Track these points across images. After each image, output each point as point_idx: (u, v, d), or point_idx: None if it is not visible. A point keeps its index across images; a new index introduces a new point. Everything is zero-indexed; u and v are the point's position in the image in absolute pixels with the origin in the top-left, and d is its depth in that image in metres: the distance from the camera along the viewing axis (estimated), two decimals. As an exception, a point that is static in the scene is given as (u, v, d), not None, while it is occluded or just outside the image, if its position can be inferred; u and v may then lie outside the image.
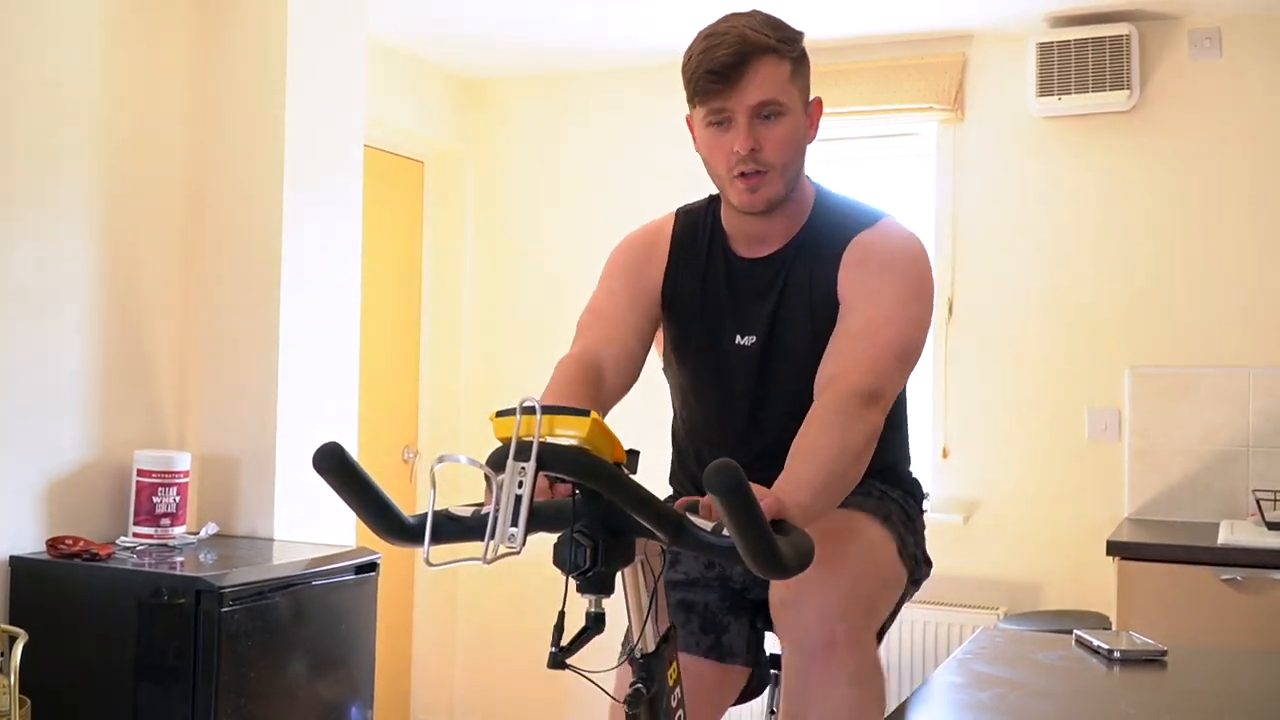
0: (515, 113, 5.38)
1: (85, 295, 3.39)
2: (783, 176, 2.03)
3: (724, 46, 1.97)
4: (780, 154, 2.01)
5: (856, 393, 1.86)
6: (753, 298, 2.13)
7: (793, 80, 2.01)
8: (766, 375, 2.11)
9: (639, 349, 2.15)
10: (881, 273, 2.02)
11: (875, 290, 2.00)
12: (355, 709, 3.35)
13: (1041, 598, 4.50)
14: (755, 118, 1.99)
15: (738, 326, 2.13)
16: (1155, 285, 4.41)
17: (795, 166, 2.05)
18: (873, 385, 1.88)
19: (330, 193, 3.83)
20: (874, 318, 1.97)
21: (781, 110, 1.99)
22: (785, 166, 2.02)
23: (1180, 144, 4.41)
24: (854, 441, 1.81)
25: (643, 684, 1.66)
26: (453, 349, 5.40)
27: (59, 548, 3.16)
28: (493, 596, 5.25)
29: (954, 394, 4.65)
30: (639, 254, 2.24)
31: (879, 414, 1.89)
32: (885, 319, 1.96)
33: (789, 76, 2.00)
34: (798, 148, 2.04)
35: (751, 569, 1.45)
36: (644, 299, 2.18)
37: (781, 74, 1.99)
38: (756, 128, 1.99)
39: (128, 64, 3.51)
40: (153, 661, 2.97)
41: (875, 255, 2.04)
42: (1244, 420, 4.26)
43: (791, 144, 2.02)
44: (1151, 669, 1.79)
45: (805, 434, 1.82)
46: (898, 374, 1.96)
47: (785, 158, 2.02)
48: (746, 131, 1.98)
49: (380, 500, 1.58)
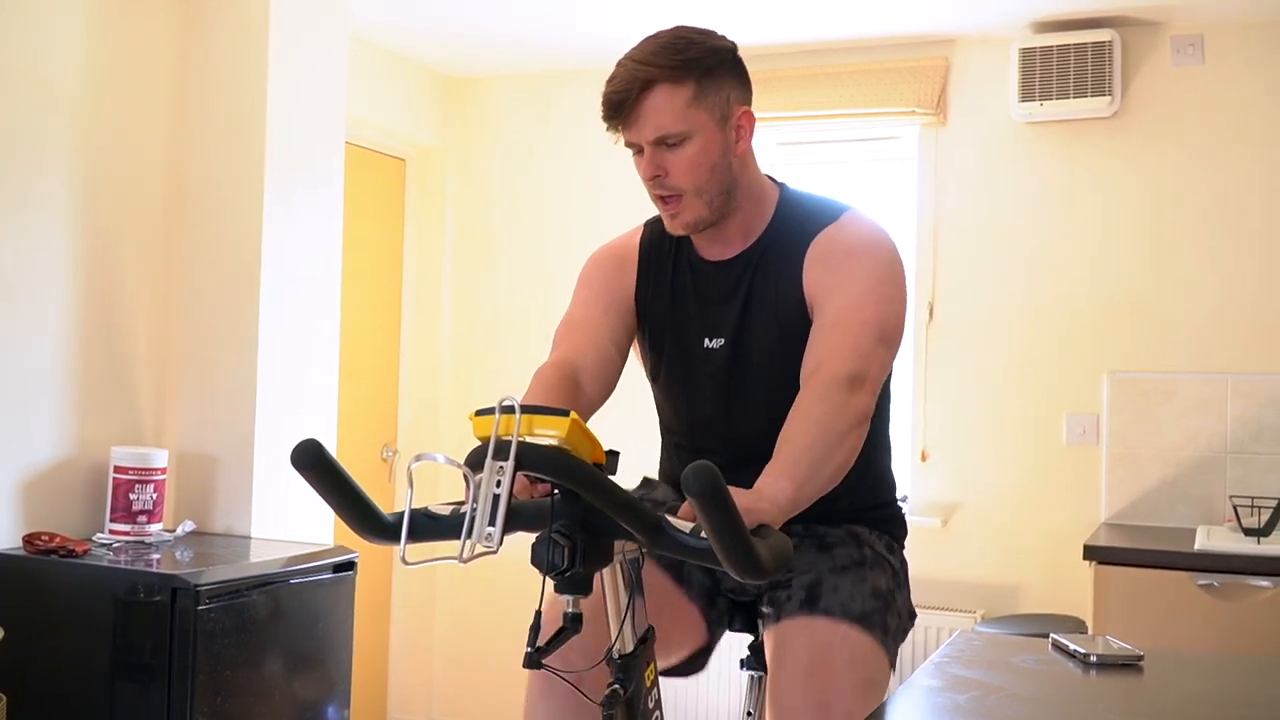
0: (498, 111, 5.37)
1: (63, 291, 3.37)
2: (700, 198, 2.03)
3: (614, 81, 2.00)
4: (688, 178, 2.01)
5: (838, 378, 1.87)
6: (719, 301, 2.14)
7: (695, 103, 1.99)
8: (736, 377, 2.12)
9: (616, 357, 2.16)
10: (845, 263, 2.03)
11: (842, 280, 2.01)
12: (332, 708, 3.34)
13: (1019, 601, 4.51)
14: (659, 147, 2.00)
15: (705, 330, 2.14)
16: (1135, 291, 4.43)
17: (713, 185, 2.04)
18: (854, 369, 1.89)
19: (311, 189, 3.81)
20: (845, 306, 1.98)
21: (682, 137, 1.99)
22: (699, 189, 2.02)
23: (1162, 150, 4.42)
24: (838, 426, 1.83)
25: (620, 684, 1.66)
26: (432, 347, 5.39)
27: (35, 544, 3.15)
28: (471, 596, 5.25)
29: (933, 397, 4.66)
30: (609, 266, 2.26)
31: (866, 397, 1.90)
32: (857, 304, 1.97)
33: (688, 101, 1.98)
34: (712, 168, 2.02)
35: (729, 572, 1.45)
36: (618, 307, 2.20)
37: (677, 100, 1.98)
38: (661, 155, 2.00)
39: (108, 58, 3.50)
40: (129, 659, 2.95)
41: (838, 248, 2.05)
42: (1222, 426, 4.28)
43: (701, 167, 2.01)
44: (1128, 674, 1.79)
45: (789, 424, 1.83)
46: (880, 355, 1.96)
47: (696, 181, 2.02)
48: (649, 159, 2.01)
49: (358, 498, 1.58)
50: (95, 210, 3.46)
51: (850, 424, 1.85)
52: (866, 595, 2.06)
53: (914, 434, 4.66)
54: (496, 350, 5.29)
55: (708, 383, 2.14)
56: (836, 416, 1.83)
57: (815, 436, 1.80)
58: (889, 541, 2.22)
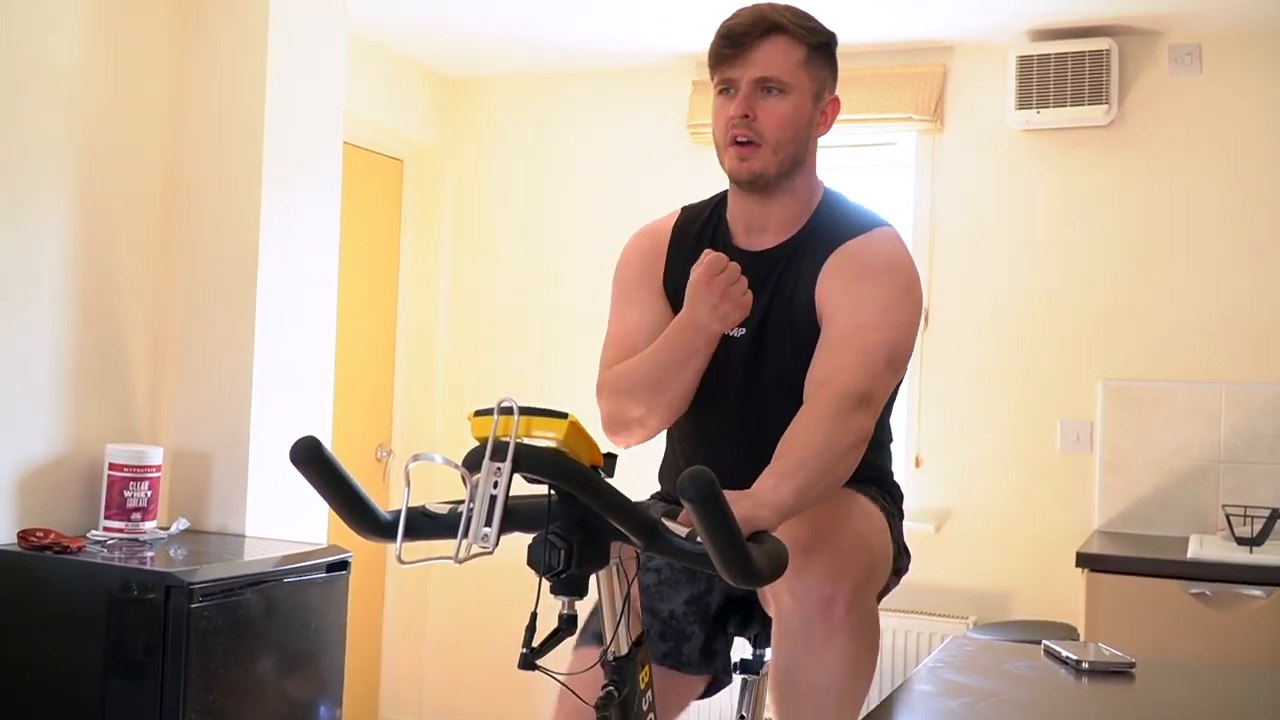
0: (495, 111, 5.38)
1: (59, 287, 3.37)
2: (775, 154, 2.07)
3: (741, 17, 2.07)
4: (774, 129, 2.06)
5: (848, 395, 1.88)
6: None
7: (804, 66, 2.07)
8: (754, 368, 2.11)
9: None
10: (861, 279, 2.03)
11: (858, 295, 2.01)
12: (324, 707, 3.34)
13: (1011, 607, 4.52)
14: (757, 90, 2.05)
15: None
16: (1130, 299, 4.44)
17: (790, 148, 2.08)
18: (864, 388, 1.90)
19: (308, 189, 3.82)
20: (860, 323, 1.98)
21: (784, 88, 2.05)
22: (778, 144, 2.07)
23: (1158, 159, 4.43)
24: (842, 442, 1.83)
25: (614, 686, 1.66)
26: (428, 347, 5.39)
27: (29, 540, 3.14)
28: (464, 596, 5.25)
29: (928, 403, 4.66)
30: (637, 266, 2.26)
31: (869, 418, 1.90)
32: (872, 323, 1.98)
33: (800, 61, 2.06)
34: (796, 131, 2.08)
35: (724, 577, 1.45)
36: (651, 304, 2.21)
37: (793, 55, 2.06)
38: (757, 99, 2.05)
39: (107, 56, 3.50)
40: (122, 656, 2.95)
41: (854, 262, 2.06)
42: (1215, 435, 4.29)
43: (789, 124, 2.07)
44: (1119, 680, 1.80)
45: (794, 431, 1.84)
46: (888, 377, 1.98)
47: (779, 135, 2.06)
48: (745, 98, 2.05)
49: (355, 495, 1.58)
50: (92, 207, 3.46)
51: (853, 442, 1.86)
52: (864, 488, 2.09)
53: (908, 440, 4.66)
54: (492, 350, 5.29)
55: (728, 370, 2.12)
56: (843, 432, 1.84)
57: (821, 448, 1.80)
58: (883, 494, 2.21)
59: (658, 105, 5.03)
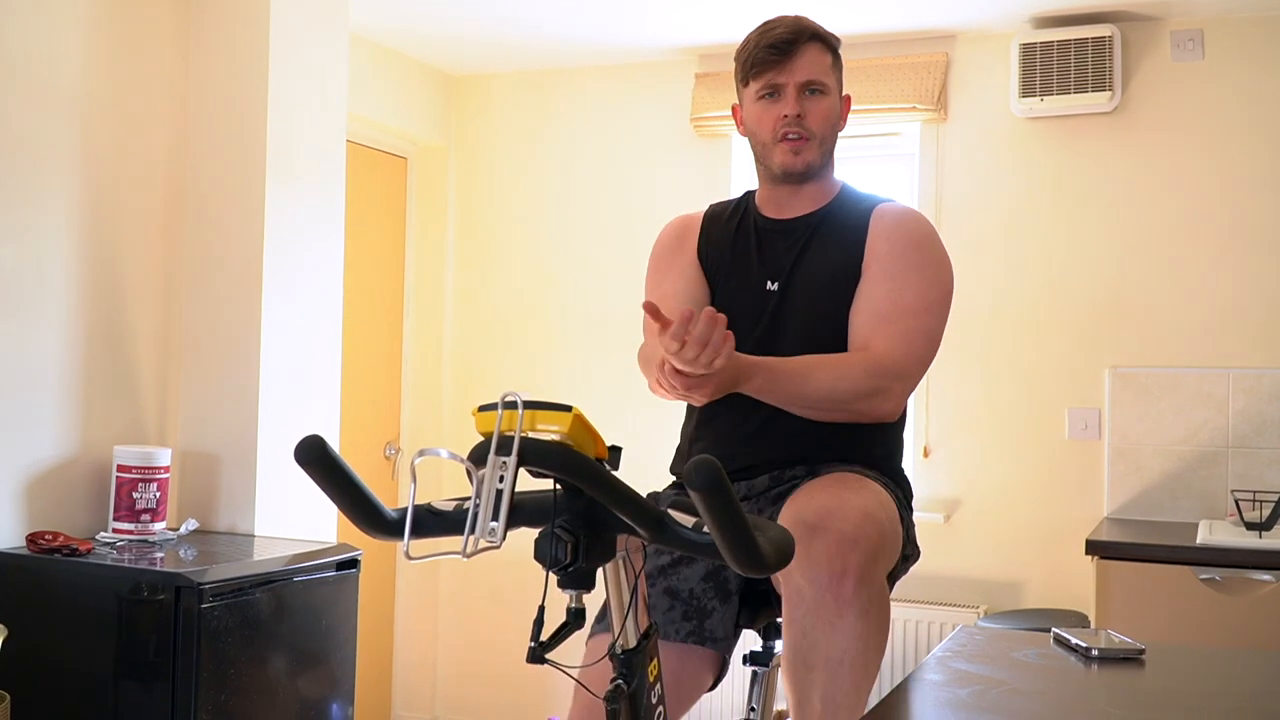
0: (499, 109, 5.38)
1: (66, 289, 3.38)
2: (820, 148, 2.32)
3: (782, 27, 2.31)
4: (821, 125, 2.31)
5: (886, 370, 2.14)
6: (779, 250, 2.33)
7: (832, 69, 2.34)
8: (783, 319, 2.27)
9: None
10: (907, 253, 2.25)
11: (904, 269, 2.24)
12: (336, 706, 3.35)
13: (1021, 596, 4.52)
14: (803, 92, 2.29)
15: (766, 274, 2.32)
16: (1136, 286, 4.43)
17: (830, 142, 2.34)
18: (904, 368, 2.17)
19: (313, 188, 3.82)
20: (907, 305, 2.21)
21: (824, 89, 2.31)
22: (823, 139, 2.32)
23: (1162, 145, 4.43)
24: (844, 394, 2.10)
25: (623, 679, 1.66)
26: (435, 345, 5.39)
27: (39, 543, 3.15)
28: (474, 592, 5.25)
29: (935, 393, 4.66)
30: (671, 242, 2.46)
31: (896, 401, 2.15)
32: (913, 308, 2.21)
33: (829, 65, 2.33)
34: (834, 126, 2.34)
35: (730, 565, 1.46)
36: (685, 273, 2.39)
37: (825, 59, 2.32)
38: (804, 100, 2.30)
39: (110, 58, 3.50)
40: (133, 658, 2.96)
41: (903, 231, 2.28)
42: (1223, 421, 4.28)
43: (829, 119, 2.32)
44: (1129, 667, 1.80)
45: (822, 357, 2.12)
46: (926, 362, 2.22)
47: (823, 129, 2.32)
48: (795, 99, 2.29)
49: (362, 494, 1.59)
50: (98, 209, 3.46)
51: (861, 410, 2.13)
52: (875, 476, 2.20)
53: (916, 430, 4.66)
54: (499, 347, 5.30)
55: (758, 321, 2.29)
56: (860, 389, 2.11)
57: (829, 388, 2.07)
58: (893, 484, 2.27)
59: (661, 99, 5.03)
